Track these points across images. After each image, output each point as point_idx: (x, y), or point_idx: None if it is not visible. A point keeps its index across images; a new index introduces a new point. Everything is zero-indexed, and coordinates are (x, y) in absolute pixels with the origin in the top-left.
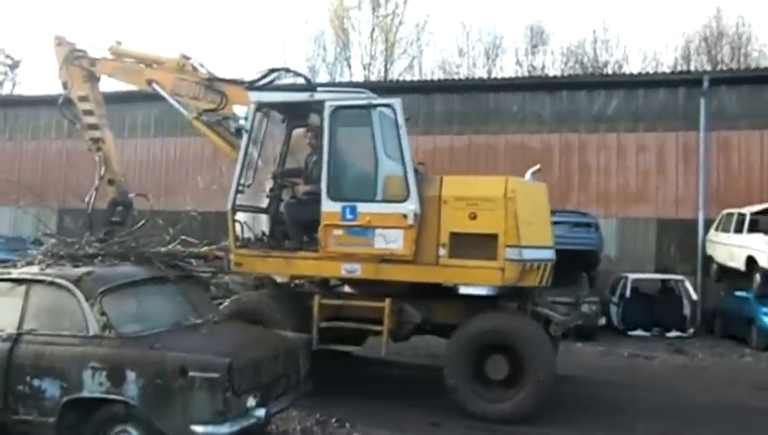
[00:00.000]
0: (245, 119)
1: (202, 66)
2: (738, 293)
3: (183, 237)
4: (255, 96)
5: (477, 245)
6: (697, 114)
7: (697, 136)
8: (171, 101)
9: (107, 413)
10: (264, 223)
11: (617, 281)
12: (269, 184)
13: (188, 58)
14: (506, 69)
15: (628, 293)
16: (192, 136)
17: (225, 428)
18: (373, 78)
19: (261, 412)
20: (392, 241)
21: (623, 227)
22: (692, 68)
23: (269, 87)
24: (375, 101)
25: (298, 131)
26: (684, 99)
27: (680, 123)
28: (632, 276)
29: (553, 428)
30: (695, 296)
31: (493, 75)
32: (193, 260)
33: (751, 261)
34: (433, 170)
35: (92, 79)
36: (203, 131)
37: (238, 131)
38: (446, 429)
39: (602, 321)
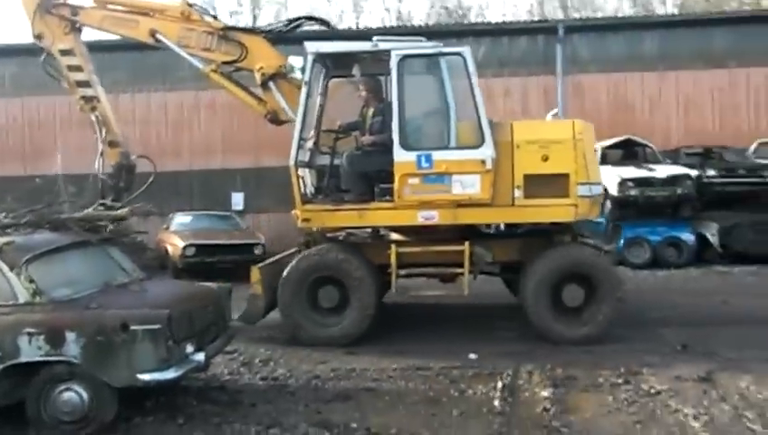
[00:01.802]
0: (302, 70)
1: (210, 15)
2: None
3: (102, 202)
4: (313, 47)
5: (550, 184)
6: (555, 60)
7: (555, 80)
8: (182, 53)
9: (48, 374)
10: (308, 177)
11: None
12: (312, 138)
13: (192, 5)
14: (374, 14)
15: None
16: (57, 95)
17: (171, 372)
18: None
19: (200, 356)
20: (470, 186)
21: None
22: (546, 11)
23: (298, 35)
24: (444, 50)
25: (333, 82)
26: (543, 45)
27: (540, 68)
28: None
29: (497, 346)
30: None
31: (361, 21)
32: (109, 223)
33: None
34: None
35: (75, 30)
36: (224, 85)
37: (264, 84)
38: (361, 355)
39: None
